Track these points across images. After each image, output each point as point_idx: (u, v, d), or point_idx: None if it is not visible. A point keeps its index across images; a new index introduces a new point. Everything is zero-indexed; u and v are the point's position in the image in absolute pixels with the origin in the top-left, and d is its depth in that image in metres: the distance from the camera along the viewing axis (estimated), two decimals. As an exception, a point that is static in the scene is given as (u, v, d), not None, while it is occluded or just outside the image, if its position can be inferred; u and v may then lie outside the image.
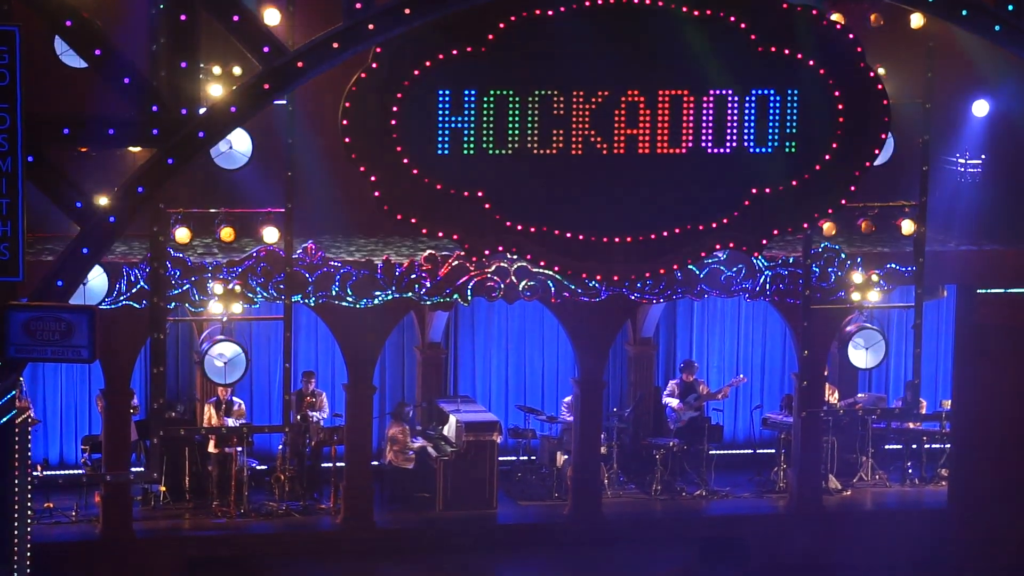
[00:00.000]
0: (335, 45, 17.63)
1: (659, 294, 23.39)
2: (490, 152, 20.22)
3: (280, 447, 24.34)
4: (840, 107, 20.85)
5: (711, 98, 20.59)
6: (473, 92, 20.05)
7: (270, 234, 21.74)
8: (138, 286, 21.67)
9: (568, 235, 20.59)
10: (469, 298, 22.85)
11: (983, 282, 24.20)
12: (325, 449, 24.28)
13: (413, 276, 22.58)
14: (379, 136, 19.85)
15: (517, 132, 20.25)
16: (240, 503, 23.57)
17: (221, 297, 21.82)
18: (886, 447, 26.32)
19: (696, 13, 20.17)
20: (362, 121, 19.75)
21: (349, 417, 23.51)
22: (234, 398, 24.19)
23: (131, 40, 18.35)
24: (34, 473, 20.37)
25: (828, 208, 21.48)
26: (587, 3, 19.91)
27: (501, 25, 19.82)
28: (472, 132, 20.13)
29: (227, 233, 21.77)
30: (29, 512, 17.83)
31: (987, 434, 24.17)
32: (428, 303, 23.10)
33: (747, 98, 20.65)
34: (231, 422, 23.78)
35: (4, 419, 17.03)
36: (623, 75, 20.35)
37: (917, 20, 22.38)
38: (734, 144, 20.76)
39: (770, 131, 20.79)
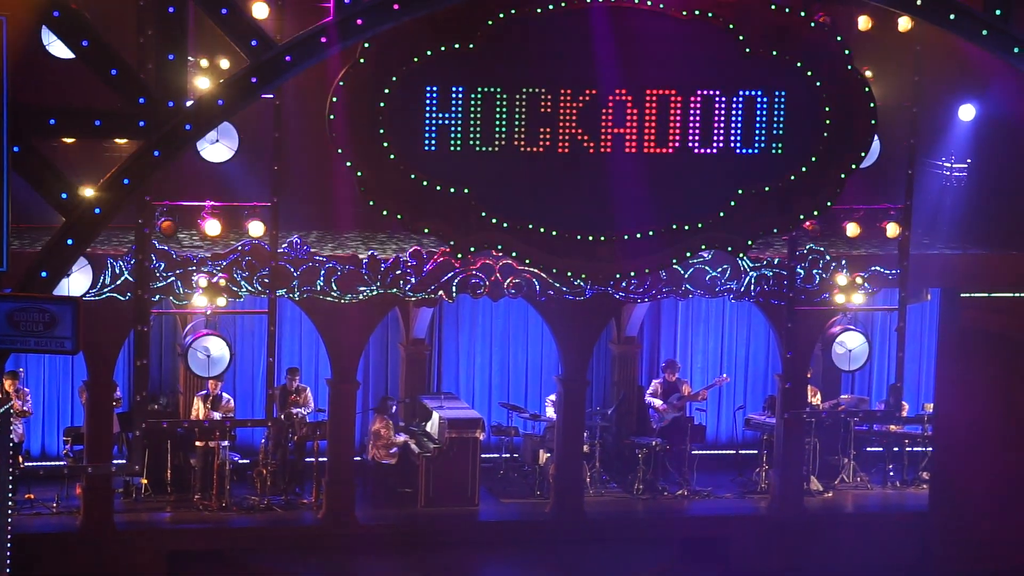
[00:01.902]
0: (323, 40, 17.60)
1: (644, 293, 23.41)
2: (477, 149, 20.22)
3: (263, 441, 24.33)
4: (827, 109, 20.88)
5: (698, 98, 20.60)
6: (461, 89, 20.05)
7: (255, 228, 21.73)
8: (122, 278, 21.65)
9: (554, 233, 20.60)
10: (454, 295, 22.85)
11: (967, 286, 24.26)
12: (308, 444, 24.28)
13: (398, 272, 22.57)
14: (366, 131, 19.84)
15: (504, 129, 20.25)
16: (222, 497, 23.55)
17: (205, 290, 21.79)
18: (868, 449, 26.37)
19: (684, 14, 20.20)
20: (349, 116, 19.74)
21: (332, 412, 23.50)
22: (223, 393, 24.16)
23: (119, 31, 18.33)
24: (16, 464, 20.33)
25: (814, 210, 21.49)
26: (576, 2, 19.92)
27: (489, 22, 19.82)
28: (459, 129, 20.13)
29: (212, 226, 21.76)
30: (10, 503, 17.78)
31: (969, 437, 24.22)
32: (413, 299, 23.10)
33: (734, 99, 20.67)
34: (219, 416, 23.75)
35: (-14, 409, 17.02)
36: (611, 74, 20.35)
37: (905, 23, 22.42)
38: (721, 145, 20.78)
39: (757, 132, 20.80)
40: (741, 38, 20.40)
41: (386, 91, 19.78)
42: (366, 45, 19.39)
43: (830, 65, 20.73)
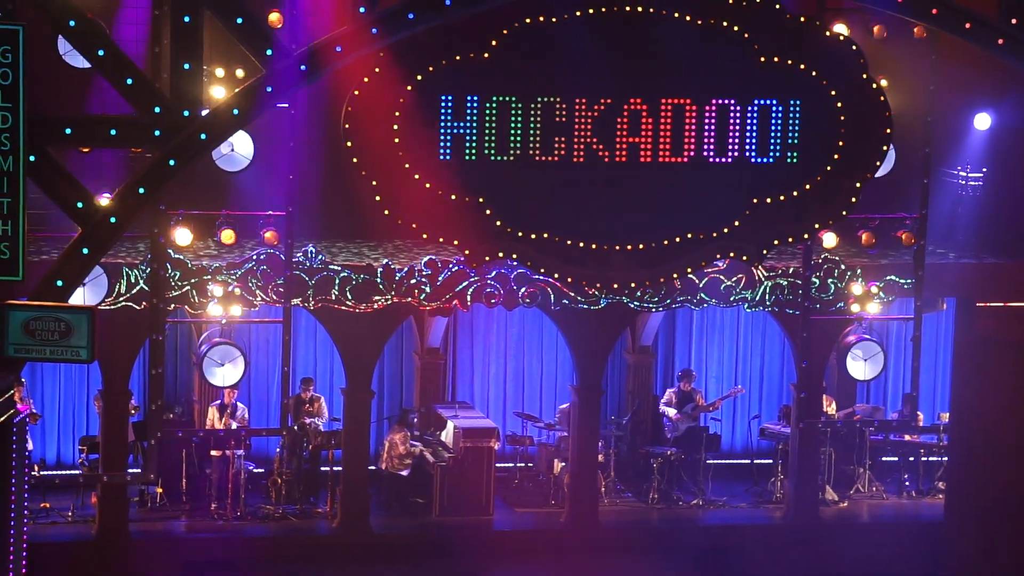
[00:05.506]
0: (338, 49, 17.63)
1: (658, 303, 23.39)
2: (492, 158, 20.25)
3: (278, 451, 24.33)
4: (842, 118, 20.88)
5: (713, 107, 20.61)
6: (476, 98, 20.08)
7: (270, 237, 21.76)
8: (138, 287, 21.67)
9: (568, 242, 20.61)
10: (469, 304, 22.85)
11: (983, 295, 24.19)
12: (323, 453, 24.27)
13: (413, 281, 22.58)
14: (381, 141, 19.87)
15: (519, 139, 20.28)
16: (237, 506, 23.55)
17: (220, 299, 21.82)
18: (883, 459, 26.31)
19: (699, 22, 20.20)
20: (365, 125, 19.77)
21: (347, 421, 23.50)
22: (237, 402, 24.17)
23: (135, 41, 18.39)
24: (31, 473, 20.36)
25: (829, 219, 21.50)
26: (591, 11, 19.94)
27: (504, 32, 19.85)
28: (474, 138, 20.16)
29: (227, 235, 21.79)
30: (26, 512, 17.81)
31: (984, 447, 24.14)
32: (428, 308, 23.09)
33: (749, 108, 20.67)
34: (234, 426, 23.77)
35: (2, 418, 17.01)
36: (626, 83, 20.38)
37: (920, 32, 22.40)
38: (736, 154, 20.78)
39: (772, 141, 20.81)
40: (756, 47, 20.40)
41: (401, 100, 19.81)
42: (381, 54, 19.42)
43: (846, 74, 20.73)
